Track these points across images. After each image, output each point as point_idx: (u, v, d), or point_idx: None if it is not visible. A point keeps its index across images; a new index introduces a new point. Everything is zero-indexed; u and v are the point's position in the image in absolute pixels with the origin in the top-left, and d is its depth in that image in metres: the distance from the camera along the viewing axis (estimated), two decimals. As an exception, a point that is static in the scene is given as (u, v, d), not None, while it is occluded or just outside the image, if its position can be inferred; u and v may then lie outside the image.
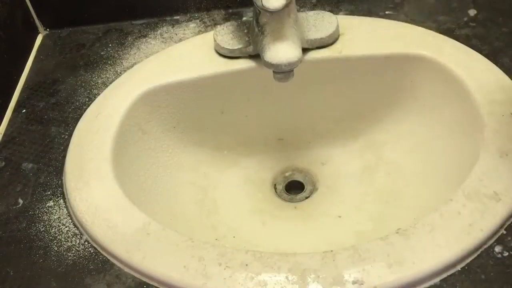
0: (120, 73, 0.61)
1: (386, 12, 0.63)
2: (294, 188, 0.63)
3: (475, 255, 0.41)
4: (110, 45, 0.65)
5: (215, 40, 0.58)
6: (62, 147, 0.54)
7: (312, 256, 0.41)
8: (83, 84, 0.61)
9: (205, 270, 0.41)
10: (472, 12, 0.61)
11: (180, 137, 0.61)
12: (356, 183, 0.61)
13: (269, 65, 0.51)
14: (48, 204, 0.49)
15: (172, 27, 0.66)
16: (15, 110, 0.59)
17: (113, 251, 0.44)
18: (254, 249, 0.42)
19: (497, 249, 0.41)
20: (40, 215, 0.49)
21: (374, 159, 0.61)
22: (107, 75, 0.61)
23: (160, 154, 0.59)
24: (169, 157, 0.60)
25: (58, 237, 0.47)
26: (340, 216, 0.58)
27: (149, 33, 0.66)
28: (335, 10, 0.64)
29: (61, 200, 0.50)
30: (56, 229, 0.47)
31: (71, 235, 0.47)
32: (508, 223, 0.43)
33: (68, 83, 0.61)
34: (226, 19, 0.66)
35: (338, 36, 0.58)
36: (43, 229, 0.47)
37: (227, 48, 0.57)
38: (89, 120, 0.55)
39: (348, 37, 0.58)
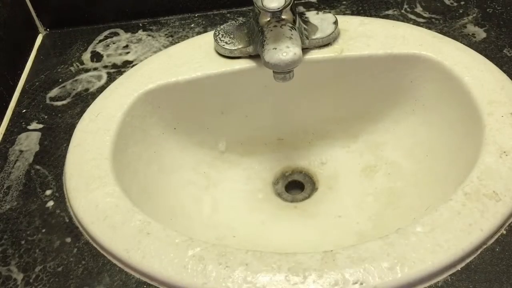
0: (121, 73, 0.61)
1: (386, 12, 0.63)
2: (294, 188, 0.63)
3: (475, 255, 0.41)
4: (110, 45, 0.65)
5: (215, 40, 0.58)
6: (62, 147, 0.54)
7: (312, 256, 0.41)
8: (83, 84, 0.61)
9: (205, 270, 0.41)
10: (472, 12, 0.61)
11: (180, 137, 0.61)
12: (356, 183, 0.61)
13: (269, 65, 0.51)
14: (48, 204, 0.49)
15: (173, 27, 0.66)
16: (15, 110, 0.59)
17: (113, 251, 0.44)
18: (254, 249, 0.42)
19: (497, 249, 0.41)
20: (40, 215, 0.49)
21: (374, 159, 0.61)
22: (108, 75, 0.61)
23: (160, 154, 0.59)
24: (169, 157, 0.60)
25: (58, 237, 0.47)
26: (340, 216, 0.58)
27: (149, 33, 0.66)
28: (335, 10, 0.64)
29: (61, 200, 0.50)
30: (56, 229, 0.47)
31: (71, 235, 0.47)
32: (508, 223, 0.43)
33: (68, 83, 0.61)
34: (226, 19, 0.66)
35: (338, 36, 0.58)
36: (43, 229, 0.47)
37: (227, 48, 0.57)
38: (89, 120, 0.55)
39: (348, 37, 0.58)
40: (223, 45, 0.58)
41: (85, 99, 0.59)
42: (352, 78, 0.59)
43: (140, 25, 0.67)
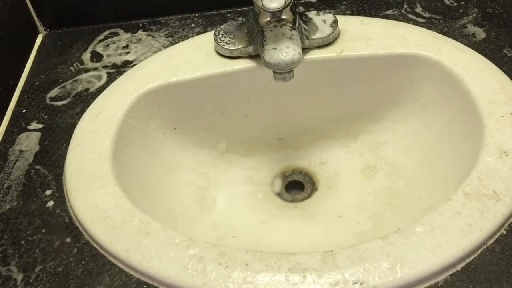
0: (121, 73, 0.61)
1: (386, 12, 0.63)
2: (294, 188, 0.63)
3: (475, 255, 0.41)
4: (110, 45, 0.65)
5: (215, 40, 0.58)
6: (62, 147, 0.54)
7: (312, 256, 0.41)
8: (83, 84, 0.61)
9: (205, 270, 0.41)
10: (472, 12, 0.61)
11: (180, 137, 0.61)
12: (356, 183, 0.61)
13: (269, 65, 0.51)
14: (48, 204, 0.49)
15: (173, 27, 0.66)
16: (15, 110, 0.59)
17: (113, 251, 0.44)
18: (254, 249, 0.42)
19: (497, 249, 0.41)
20: (40, 215, 0.49)
21: (374, 159, 0.61)
22: (108, 75, 0.61)
23: (160, 154, 0.59)
24: (169, 157, 0.60)
25: (58, 237, 0.47)
26: (340, 216, 0.58)
27: (149, 33, 0.66)
28: (335, 10, 0.64)
29: (61, 200, 0.50)
30: (56, 229, 0.47)
31: (71, 235, 0.47)
32: (508, 223, 0.43)
33: (68, 83, 0.61)
34: (226, 19, 0.66)
35: (338, 36, 0.58)
36: (43, 229, 0.47)
37: (227, 48, 0.57)
38: (89, 120, 0.55)
39: (348, 37, 0.58)
40: (223, 45, 0.58)
41: (85, 99, 0.59)
42: (352, 78, 0.59)
43: (140, 25, 0.67)
